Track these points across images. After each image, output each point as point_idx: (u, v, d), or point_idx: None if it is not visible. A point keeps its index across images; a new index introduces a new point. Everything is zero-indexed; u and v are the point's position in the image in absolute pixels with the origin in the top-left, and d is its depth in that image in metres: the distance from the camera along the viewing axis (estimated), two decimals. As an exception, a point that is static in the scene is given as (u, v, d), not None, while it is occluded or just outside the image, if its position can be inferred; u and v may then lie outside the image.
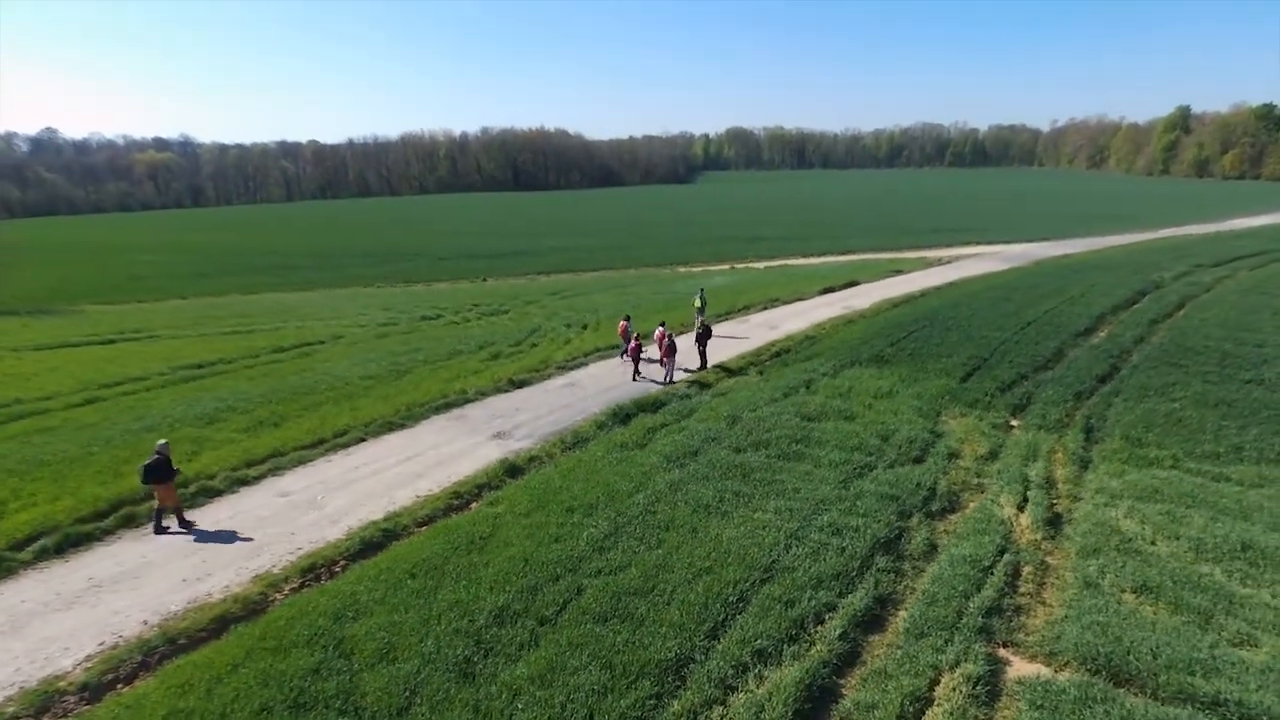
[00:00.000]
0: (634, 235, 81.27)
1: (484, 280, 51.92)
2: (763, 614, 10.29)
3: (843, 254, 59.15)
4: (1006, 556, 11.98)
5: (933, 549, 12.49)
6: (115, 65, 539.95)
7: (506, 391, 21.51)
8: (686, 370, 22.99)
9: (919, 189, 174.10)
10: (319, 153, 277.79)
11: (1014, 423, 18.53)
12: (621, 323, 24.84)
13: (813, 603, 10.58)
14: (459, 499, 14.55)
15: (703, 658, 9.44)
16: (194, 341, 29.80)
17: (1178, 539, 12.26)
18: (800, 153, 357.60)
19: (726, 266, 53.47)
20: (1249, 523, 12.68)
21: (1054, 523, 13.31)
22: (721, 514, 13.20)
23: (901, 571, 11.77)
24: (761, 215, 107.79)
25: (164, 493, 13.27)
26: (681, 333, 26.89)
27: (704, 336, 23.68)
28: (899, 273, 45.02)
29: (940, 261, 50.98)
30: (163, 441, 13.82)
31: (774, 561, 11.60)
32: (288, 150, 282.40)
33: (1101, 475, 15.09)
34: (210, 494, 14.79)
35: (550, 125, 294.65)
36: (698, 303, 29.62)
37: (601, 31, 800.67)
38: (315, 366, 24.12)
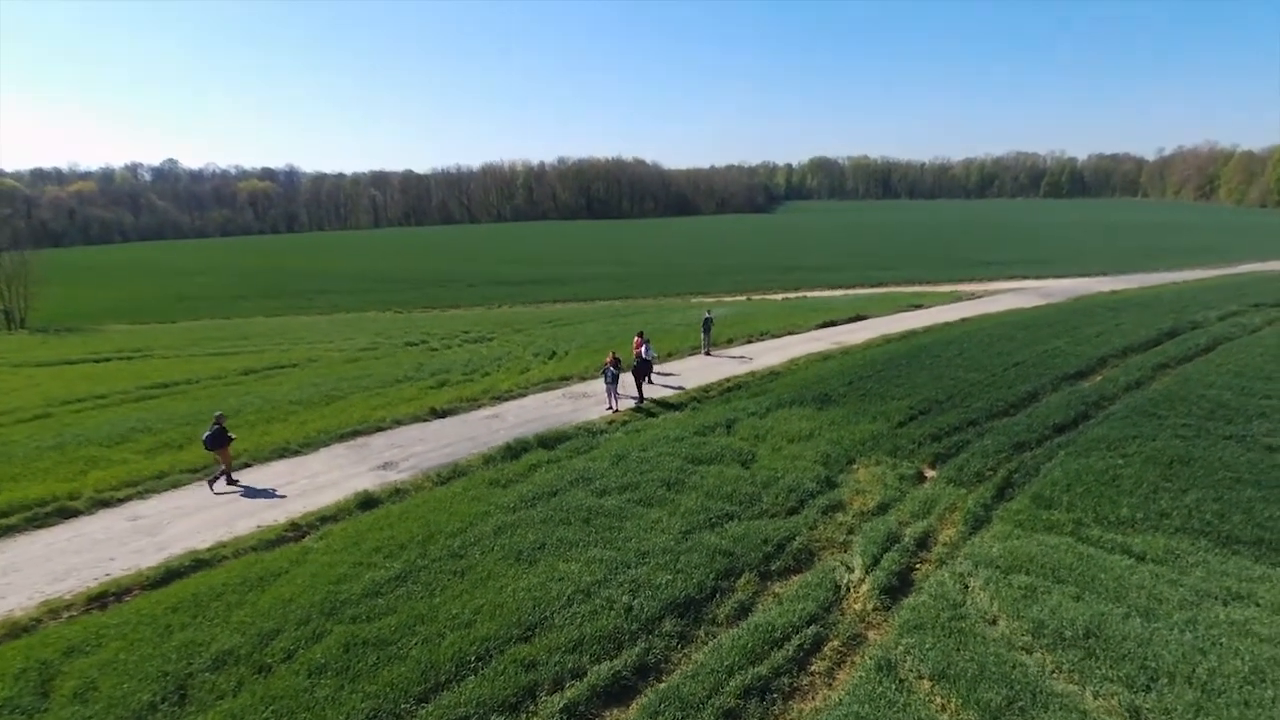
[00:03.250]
0: (669, 264, 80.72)
1: (499, 307, 52.44)
2: (495, 677, 9.45)
3: (875, 286, 56.90)
4: (813, 628, 10.73)
5: (744, 613, 11.33)
6: (233, 101, 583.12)
7: (426, 421, 21.24)
8: (612, 409, 22.13)
9: (1000, 220, 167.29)
10: (405, 182, 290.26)
11: (929, 474, 16.96)
12: (636, 337, 25.27)
13: (558, 667, 9.69)
14: (295, 531, 14.24)
15: (395, 723, 8.69)
16: (178, 361, 30.97)
17: (1021, 618, 10.70)
18: (885, 182, 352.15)
19: (744, 297, 52.21)
20: (1115, 605, 10.96)
21: (896, 591, 11.89)
22: (529, 562, 12.40)
23: (689, 638, 10.69)
24: (812, 245, 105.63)
25: (221, 455, 16.30)
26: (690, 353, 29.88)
27: (640, 370, 22.92)
28: (918, 307, 42.81)
29: (973, 296, 48.33)
30: (219, 413, 16.71)
31: (545, 618, 10.72)
32: (377, 179, 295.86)
33: (986, 538, 13.49)
34: (66, 514, 14.99)
35: (628, 155, 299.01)
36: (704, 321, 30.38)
37: (687, 65, 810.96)
38: (260, 389, 24.53)
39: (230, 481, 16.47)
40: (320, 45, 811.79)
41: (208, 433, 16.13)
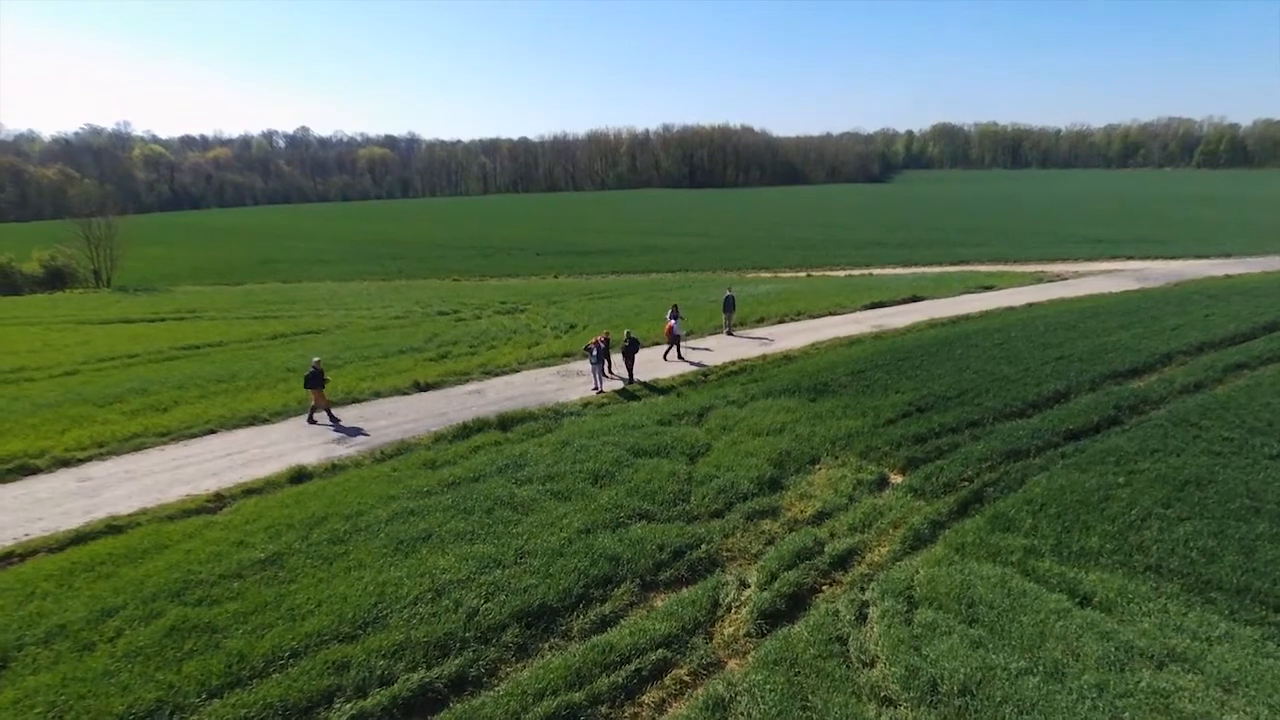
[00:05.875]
0: (744, 237, 78.12)
1: (555, 277, 52.36)
2: (300, 676, 9.06)
3: (957, 264, 52.88)
4: (660, 651, 9.74)
5: (602, 627, 10.44)
6: (367, 70, 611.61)
7: (406, 394, 21.22)
8: (597, 389, 21.34)
9: (1134, 193, 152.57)
10: (514, 149, 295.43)
11: (895, 479, 15.32)
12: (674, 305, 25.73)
13: (368, 671, 9.19)
14: (216, 502, 14.39)
15: None
16: (221, 323, 32.49)
17: (899, 663, 9.33)
18: (1015, 151, 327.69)
19: (804, 273, 49.72)
20: (1019, 656, 9.36)
21: (781, 616, 10.66)
22: (405, 554, 11.94)
23: (530, 651, 9.94)
24: (911, 218, 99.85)
25: (317, 395, 18.43)
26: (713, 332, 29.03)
27: (630, 349, 22.02)
28: (989, 289, 39.42)
29: (1058, 277, 44.11)
30: (316, 359, 18.80)
31: (382, 616, 10.24)
32: (487, 147, 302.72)
33: (916, 561, 11.96)
34: (26, 472, 15.77)
35: (735, 123, 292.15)
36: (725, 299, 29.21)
37: (806, 29, 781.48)
38: (270, 355, 25.30)
39: (331, 418, 18.70)
40: (442, 13, 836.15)
41: (308, 373, 18.31)
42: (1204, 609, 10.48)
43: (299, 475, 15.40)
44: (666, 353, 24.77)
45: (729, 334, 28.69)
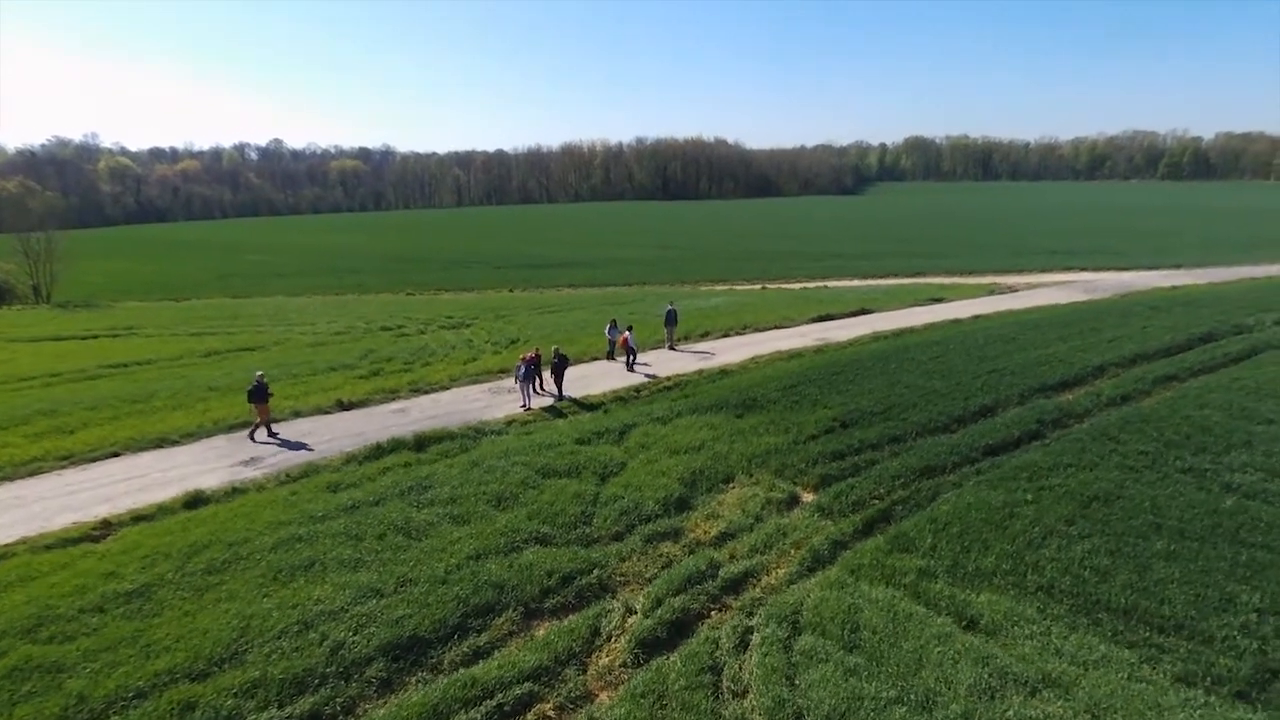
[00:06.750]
0: (708, 249, 78.34)
1: (511, 290, 51.95)
2: (140, 720, 8.61)
3: (913, 276, 53.29)
4: (527, 685, 9.40)
5: (472, 660, 10.07)
6: (340, 85, 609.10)
7: (329, 413, 20.74)
8: (524, 407, 21.01)
9: (1099, 204, 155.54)
10: (487, 162, 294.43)
11: (806, 498, 15.12)
12: (627, 331, 26.05)
13: (215, 712, 8.76)
14: (103, 529, 13.85)
15: (-8, 768, 7.98)
16: (155, 340, 31.75)
17: (768, 694, 9.07)
18: (985, 163, 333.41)
19: (758, 286, 49.73)
20: (892, 684, 9.14)
21: (662, 645, 10.37)
22: (282, 584, 11.51)
23: (394, 686, 9.56)
24: (870, 230, 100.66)
25: (259, 410, 18.20)
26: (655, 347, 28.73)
27: (559, 366, 21.74)
28: (938, 301, 39.69)
29: (1010, 290, 44.49)
30: (260, 373, 18.63)
31: (241, 652, 9.81)
32: (461, 159, 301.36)
33: (810, 584, 11.73)
34: (-99, 501, 15.08)
35: (709, 135, 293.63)
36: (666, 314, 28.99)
37: (790, 45, 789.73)
38: (196, 373, 24.68)
39: (270, 434, 18.40)
40: (420, 26, 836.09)
41: (249, 388, 18.17)
42: (1087, 631, 10.33)
43: (194, 500, 14.88)
44: (632, 363, 25.41)
45: (670, 349, 28.51)
